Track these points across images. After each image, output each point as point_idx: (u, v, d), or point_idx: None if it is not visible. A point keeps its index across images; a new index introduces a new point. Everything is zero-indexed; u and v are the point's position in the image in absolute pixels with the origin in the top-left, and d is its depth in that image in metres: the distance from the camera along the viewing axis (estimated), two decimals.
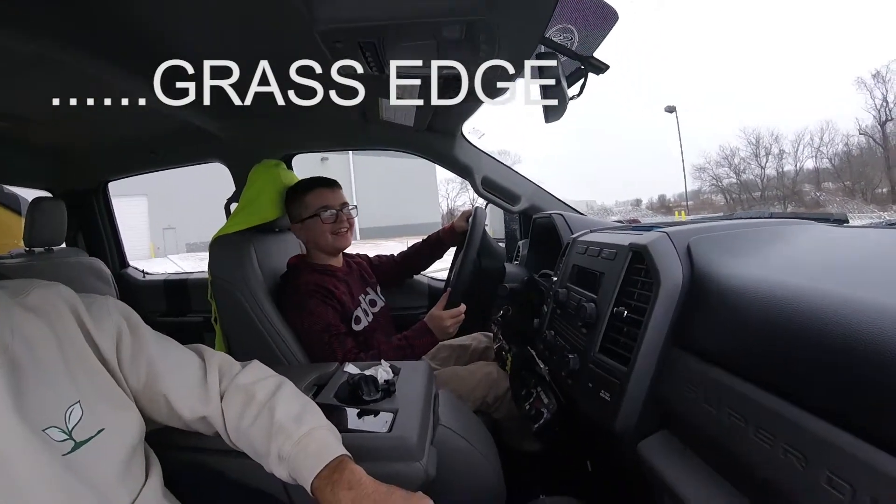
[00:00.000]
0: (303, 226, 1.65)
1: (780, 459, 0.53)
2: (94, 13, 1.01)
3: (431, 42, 0.95)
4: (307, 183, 1.69)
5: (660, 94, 54.95)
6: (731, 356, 0.68)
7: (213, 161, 2.28)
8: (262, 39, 1.17)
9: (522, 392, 1.38)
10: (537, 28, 0.94)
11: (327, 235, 1.64)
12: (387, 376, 1.08)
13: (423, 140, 1.97)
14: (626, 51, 47.62)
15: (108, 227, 2.71)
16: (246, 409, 0.80)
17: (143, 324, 0.82)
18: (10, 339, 0.64)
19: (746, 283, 0.71)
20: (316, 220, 1.63)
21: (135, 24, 1.07)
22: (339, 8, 0.88)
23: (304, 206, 1.64)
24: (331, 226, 1.63)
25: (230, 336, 1.59)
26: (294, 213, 1.67)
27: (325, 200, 1.64)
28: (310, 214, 1.63)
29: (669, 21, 70.05)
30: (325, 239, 1.65)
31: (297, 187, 1.69)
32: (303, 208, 1.64)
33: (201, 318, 2.50)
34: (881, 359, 0.46)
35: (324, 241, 1.65)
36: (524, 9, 0.86)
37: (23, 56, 1.10)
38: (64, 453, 0.62)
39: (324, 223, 1.62)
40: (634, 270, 0.95)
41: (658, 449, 0.79)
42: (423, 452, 0.89)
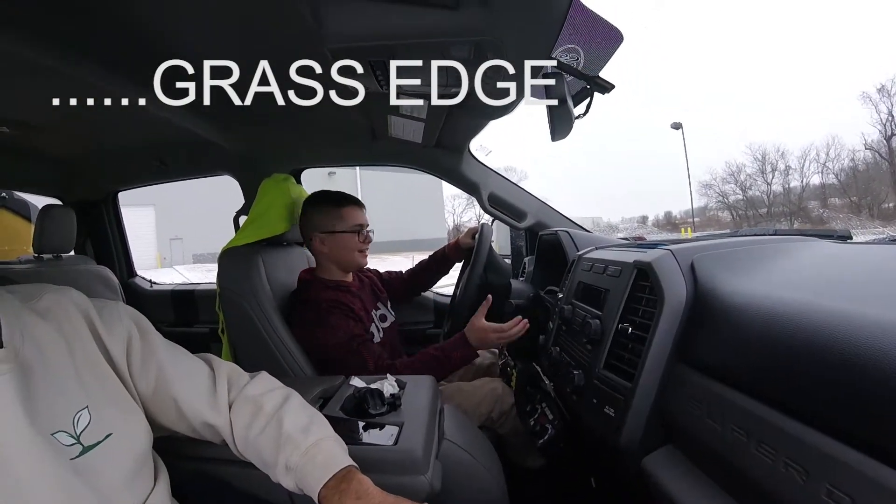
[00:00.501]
0: (330, 238, 1.62)
1: (781, 473, 0.54)
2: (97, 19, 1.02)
3: None
4: (340, 197, 1.67)
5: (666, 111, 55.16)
6: (734, 372, 0.68)
7: (222, 174, 2.31)
8: (271, 50, 1.19)
9: (527, 408, 1.38)
10: (544, 48, 0.96)
11: (355, 253, 1.64)
12: (392, 390, 1.09)
13: (430, 156, 1.99)
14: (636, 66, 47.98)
15: (116, 237, 2.74)
16: (254, 420, 0.81)
17: (154, 330, 0.82)
18: (21, 343, 0.64)
19: (749, 300, 0.72)
20: (352, 236, 1.62)
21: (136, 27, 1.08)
22: (350, 27, 0.90)
23: (339, 219, 1.62)
24: (362, 244, 1.64)
25: (237, 347, 1.60)
26: (321, 224, 1.63)
27: (360, 219, 1.64)
28: (346, 229, 1.61)
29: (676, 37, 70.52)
30: (351, 256, 1.64)
31: (328, 198, 1.66)
32: (338, 221, 1.62)
33: (208, 328, 2.52)
34: (882, 374, 0.47)
35: (348, 258, 1.64)
36: (531, 30, 0.88)
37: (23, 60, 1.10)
38: (72, 458, 0.63)
39: (358, 241, 1.63)
40: (639, 287, 0.95)
41: (662, 464, 0.79)
42: (428, 466, 0.89)
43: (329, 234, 1.62)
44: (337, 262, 1.66)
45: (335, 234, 1.61)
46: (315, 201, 1.67)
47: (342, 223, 1.61)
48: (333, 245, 1.62)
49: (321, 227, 1.62)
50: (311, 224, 1.65)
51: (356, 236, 1.62)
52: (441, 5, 0.81)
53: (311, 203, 1.67)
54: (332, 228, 1.61)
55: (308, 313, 1.55)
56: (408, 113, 1.51)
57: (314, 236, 1.63)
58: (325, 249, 1.64)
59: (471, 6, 0.80)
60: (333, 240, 1.62)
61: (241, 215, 2.00)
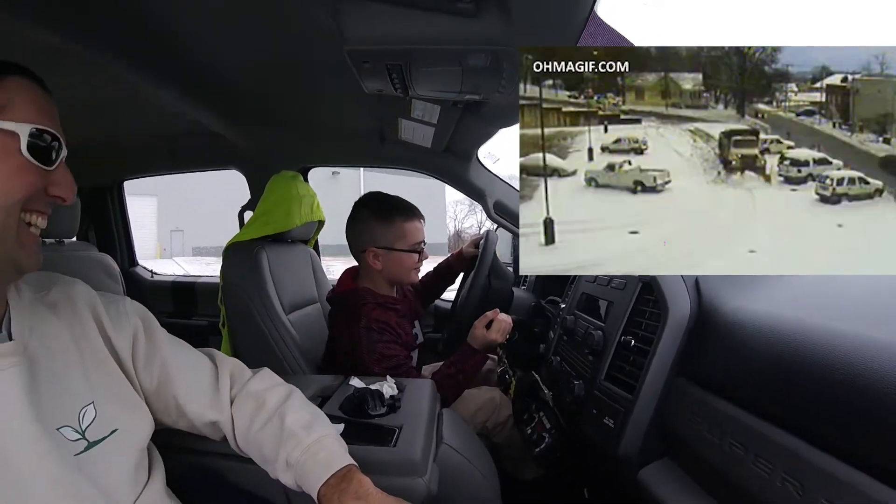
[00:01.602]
0: (386, 254, 1.47)
1: (777, 487, 0.55)
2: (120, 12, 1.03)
3: (457, 68, 0.98)
4: (405, 210, 1.51)
5: None
6: (735, 387, 0.69)
7: (230, 168, 2.32)
8: (288, 49, 1.20)
9: (525, 416, 1.38)
10: None
11: (411, 273, 1.53)
12: (392, 392, 1.09)
13: (439, 162, 1.99)
14: None
15: (120, 225, 2.74)
16: (256, 415, 0.81)
17: (158, 325, 0.83)
18: (29, 338, 0.65)
19: (752, 317, 0.73)
20: (411, 256, 1.49)
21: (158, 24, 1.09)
22: (369, 30, 0.91)
23: (400, 234, 1.47)
24: (419, 264, 1.54)
25: (237, 341, 1.60)
26: (379, 237, 1.46)
27: (421, 235, 1.51)
28: (406, 248, 1.47)
29: None
30: (405, 275, 1.52)
31: (390, 212, 1.49)
32: (398, 237, 1.46)
33: (206, 321, 2.52)
34: (879, 394, 0.48)
35: (402, 276, 1.52)
36: (548, 41, 0.88)
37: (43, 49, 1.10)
38: (76, 453, 0.63)
39: (416, 260, 1.51)
40: (643, 301, 0.96)
41: (659, 476, 0.80)
42: (426, 468, 0.89)
43: (387, 251, 1.47)
44: (389, 278, 1.52)
45: (394, 251, 1.47)
46: (375, 211, 1.49)
47: (403, 241, 1.47)
48: (389, 261, 1.48)
49: (379, 241, 1.47)
50: (367, 235, 1.48)
51: (416, 256, 1.50)
52: (460, 14, 0.82)
53: (369, 212, 1.50)
54: (391, 244, 1.46)
55: (356, 329, 1.40)
56: (419, 117, 1.52)
57: (369, 250, 1.47)
58: (379, 265, 1.49)
59: (490, 16, 0.81)
60: (390, 257, 1.47)
61: (246, 210, 2.01)
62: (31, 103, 0.61)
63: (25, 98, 0.61)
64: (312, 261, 1.93)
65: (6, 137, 0.58)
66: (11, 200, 0.58)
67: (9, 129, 0.58)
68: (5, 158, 0.58)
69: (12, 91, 0.60)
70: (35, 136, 0.60)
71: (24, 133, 0.59)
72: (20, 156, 0.59)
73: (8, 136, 0.58)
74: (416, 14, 0.84)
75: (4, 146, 0.58)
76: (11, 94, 0.60)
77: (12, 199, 0.58)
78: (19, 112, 0.60)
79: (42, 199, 0.63)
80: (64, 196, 0.65)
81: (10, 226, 0.59)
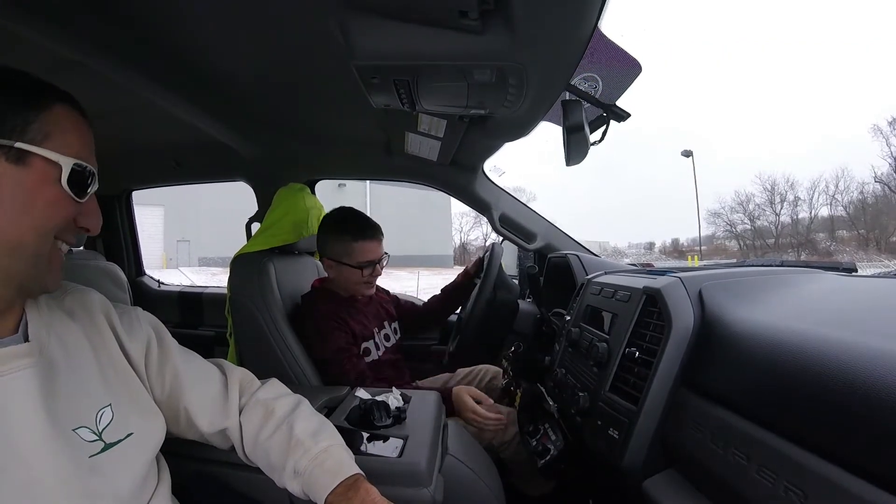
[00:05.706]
0: (337, 266, 1.60)
1: (781, 497, 0.55)
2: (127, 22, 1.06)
3: (463, 83, 0.99)
4: (357, 229, 1.60)
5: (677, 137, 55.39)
6: (738, 398, 0.70)
7: (237, 179, 2.35)
8: (297, 62, 1.22)
9: (530, 428, 1.38)
10: (564, 75, 0.99)
11: (359, 286, 1.63)
12: (398, 403, 1.10)
13: (445, 174, 2.01)
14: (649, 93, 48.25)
15: (128, 235, 2.78)
16: (265, 423, 0.82)
17: (170, 336, 0.84)
18: (48, 340, 0.66)
19: (755, 329, 0.73)
20: (356, 271, 1.59)
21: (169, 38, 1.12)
22: (376, 46, 0.93)
23: (348, 252, 1.58)
24: (369, 278, 1.62)
25: (244, 352, 1.61)
26: (331, 250, 1.60)
27: (371, 255, 1.60)
28: (351, 264, 1.58)
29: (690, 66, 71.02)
30: (353, 287, 1.63)
31: (344, 228, 1.60)
32: (345, 254, 1.58)
33: (213, 332, 2.54)
34: (878, 402, 0.49)
35: (349, 288, 1.64)
36: (553, 57, 0.90)
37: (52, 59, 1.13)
38: (92, 454, 0.64)
39: (363, 275, 1.60)
40: (647, 313, 0.97)
41: (663, 488, 0.80)
42: (431, 479, 0.90)
43: (337, 263, 1.60)
44: (340, 287, 1.65)
45: (342, 265, 1.59)
46: (332, 225, 1.63)
47: (350, 258, 1.58)
48: (339, 273, 1.61)
49: (330, 253, 1.61)
50: (324, 245, 1.63)
51: (360, 272, 1.59)
52: (467, 30, 0.84)
53: (328, 225, 1.64)
54: (339, 258, 1.59)
55: (309, 322, 1.56)
56: (425, 131, 1.54)
57: (325, 258, 1.63)
58: (332, 274, 1.64)
59: (497, 32, 0.83)
60: (340, 269, 1.60)
61: (253, 222, 2.03)
62: (75, 134, 0.63)
63: (70, 128, 0.63)
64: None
65: (48, 166, 0.60)
66: (47, 228, 0.60)
67: (52, 158, 0.60)
68: (45, 188, 0.59)
69: (58, 120, 0.61)
70: (76, 169, 0.62)
71: (68, 166, 0.61)
72: (59, 187, 0.60)
73: (50, 166, 0.60)
74: (423, 30, 0.86)
75: (45, 175, 0.59)
76: (57, 123, 0.61)
77: (48, 227, 0.60)
78: (63, 142, 0.61)
79: (72, 229, 0.64)
80: (91, 228, 0.66)
81: (44, 252, 0.61)
